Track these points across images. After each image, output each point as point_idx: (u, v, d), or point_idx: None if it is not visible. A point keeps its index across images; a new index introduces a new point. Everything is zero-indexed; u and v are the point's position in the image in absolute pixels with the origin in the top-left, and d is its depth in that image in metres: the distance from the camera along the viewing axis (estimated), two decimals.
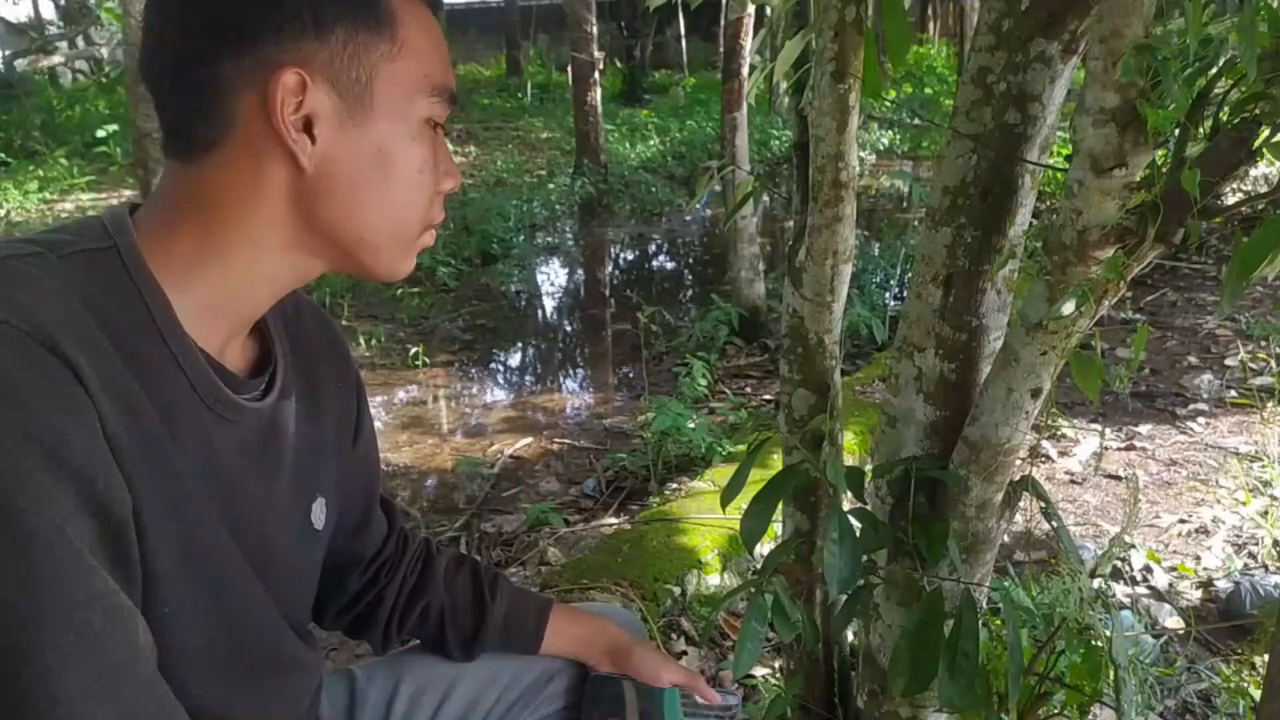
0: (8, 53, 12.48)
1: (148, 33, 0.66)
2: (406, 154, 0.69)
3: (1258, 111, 0.69)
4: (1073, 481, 2.67)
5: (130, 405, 0.60)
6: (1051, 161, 0.97)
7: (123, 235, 0.64)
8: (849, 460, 2.23)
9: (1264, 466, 2.62)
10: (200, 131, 0.65)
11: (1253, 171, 0.72)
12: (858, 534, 0.96)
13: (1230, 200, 0.75)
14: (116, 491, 0.58)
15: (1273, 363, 3.30)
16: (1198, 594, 2.08)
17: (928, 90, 10.97)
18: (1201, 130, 0.72)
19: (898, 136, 9.15)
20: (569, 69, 7.96)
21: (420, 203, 0.71)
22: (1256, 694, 1.62)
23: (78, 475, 0.55)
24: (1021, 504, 1.00)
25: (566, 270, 6.18)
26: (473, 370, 4.26)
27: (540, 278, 5.86)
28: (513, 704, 1.01)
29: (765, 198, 6.78)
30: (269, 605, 0.76)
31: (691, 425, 2.91)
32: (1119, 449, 2.86)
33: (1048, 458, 2.78)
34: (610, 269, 6.23)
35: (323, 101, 0.64)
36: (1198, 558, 2.22)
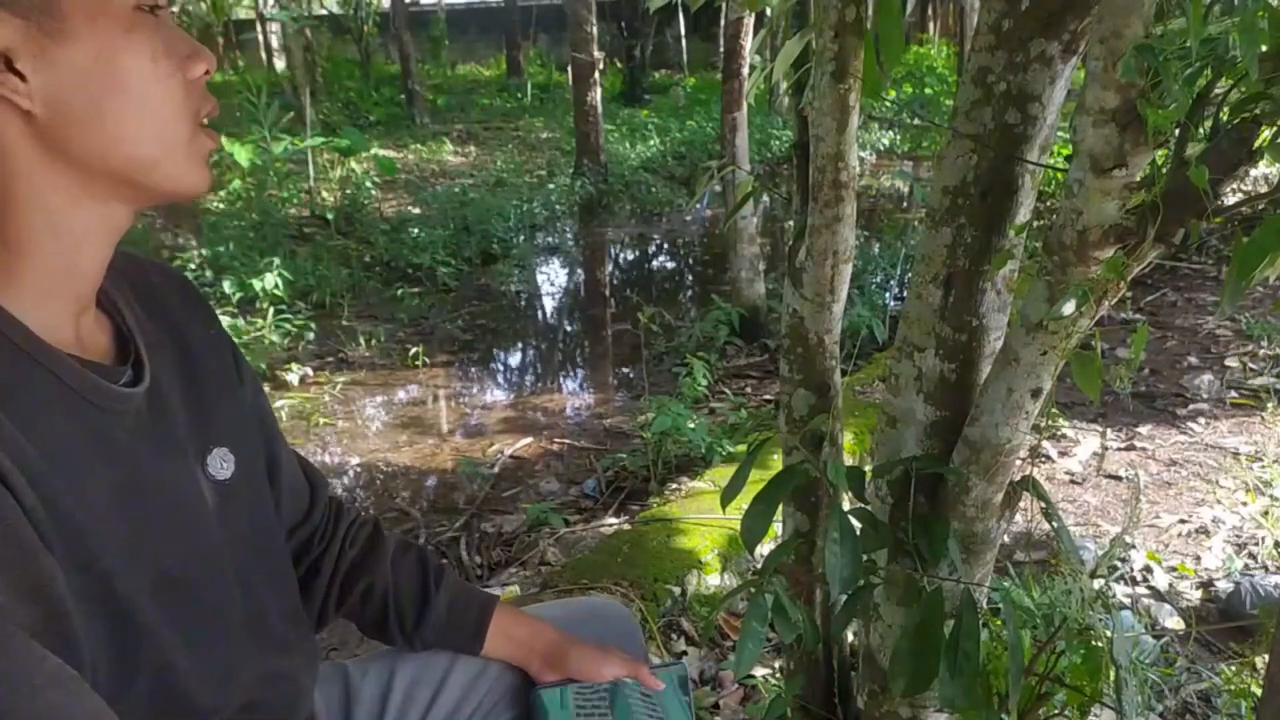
0: None
1: None
2: (129, 48, 0.63)
3: (1258, 111, 0.69)
4: (1073, 481, 2.67)
5: (18, 456, 0.59)
6: (1051, 161, 0.97)
7: None
8: (849, 460, 2.23)
9: (1264, 467, 2.62)
10: None
11: (1253, 171, 0.72)
12: (858, 534, 0.96)
13: (1230, 200, 0.75)
14: (48, 571, 0.58)
15: (1269, 363, 3.30)
16: (1198, 594, 2.08)
17: (928, 90, 10.96)
18: (1201, 130, 0.72)
19: (898, 136, 9.15)
20: (569, 69, 7.96)
21: (175, 94, 0.66)
22: (1258, 693, 1.62)
23: (7, 568, 0.56)
24: (1021, 504, 1.00)
25: (566, 270, 6.18)
26: (473, 370, 4.26)
27: (540, 278, 5.86)
28: (501, 696, 1.02)
29: (765, 198, 6.77)
30: (185, 617, 0.72)
31: (691, 425, 2.91)
32: (1119, 449, 2.85)
33: (1048, 458, 2.78)
34: (610, 269, 6.23)
35: (9, 34, 0.59)
36: (1198, 558, 2.22)
